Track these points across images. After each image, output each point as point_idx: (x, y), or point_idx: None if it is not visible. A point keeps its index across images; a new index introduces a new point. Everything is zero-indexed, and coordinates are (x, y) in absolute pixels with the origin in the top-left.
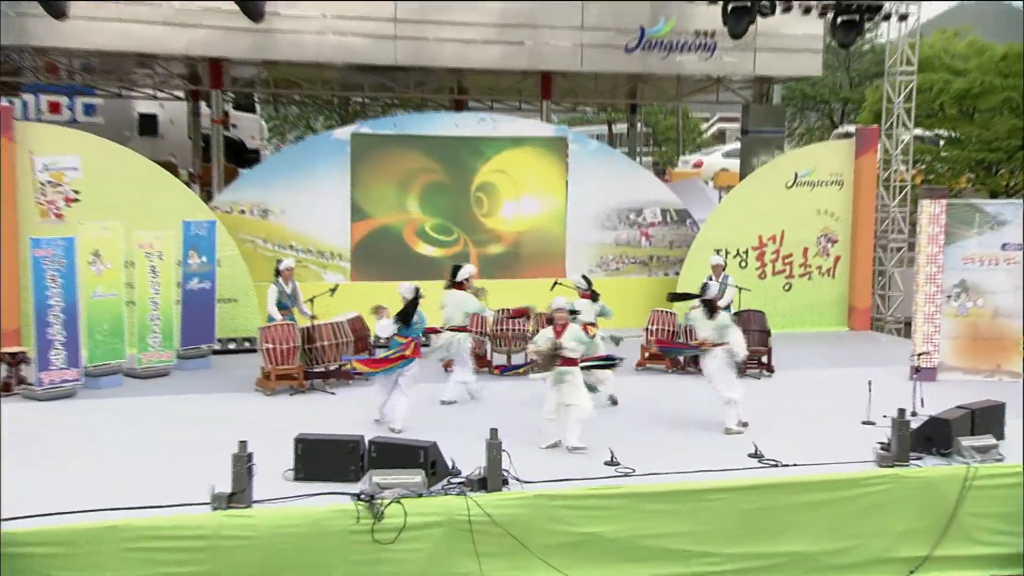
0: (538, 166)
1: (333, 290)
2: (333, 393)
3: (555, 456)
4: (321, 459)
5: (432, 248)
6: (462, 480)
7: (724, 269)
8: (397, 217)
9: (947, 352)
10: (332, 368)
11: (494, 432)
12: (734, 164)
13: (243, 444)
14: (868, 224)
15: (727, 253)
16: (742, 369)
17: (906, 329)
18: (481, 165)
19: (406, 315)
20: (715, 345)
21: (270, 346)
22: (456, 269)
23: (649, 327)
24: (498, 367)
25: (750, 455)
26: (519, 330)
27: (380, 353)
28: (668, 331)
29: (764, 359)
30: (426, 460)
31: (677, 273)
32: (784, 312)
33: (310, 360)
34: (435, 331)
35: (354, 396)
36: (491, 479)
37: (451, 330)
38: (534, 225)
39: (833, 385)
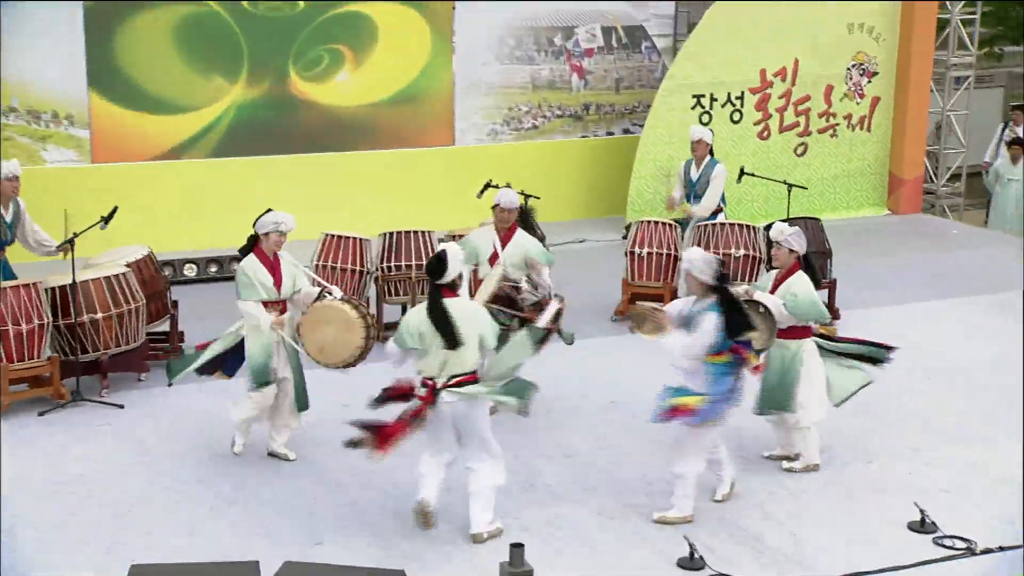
0: None
1: (107, 218)
2: (120, 406)
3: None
4: None
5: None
6: None
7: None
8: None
9: None
10: (110, 356)
11: (517, 552)
12: None
13: None
14: (926, 44)
15: (712, 99)
16: None
17: (966, 207)
18: None
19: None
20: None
21: None
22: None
23: (635, 249)
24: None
25: (914, 528)
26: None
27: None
28: (667, 256)
29: (826, 297)
30: None
31: (628, 131)
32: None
33: (69, 347)
34: None
35: (157, 406)
36: None
37: None
38: (395, 61)
39: (934, 335)
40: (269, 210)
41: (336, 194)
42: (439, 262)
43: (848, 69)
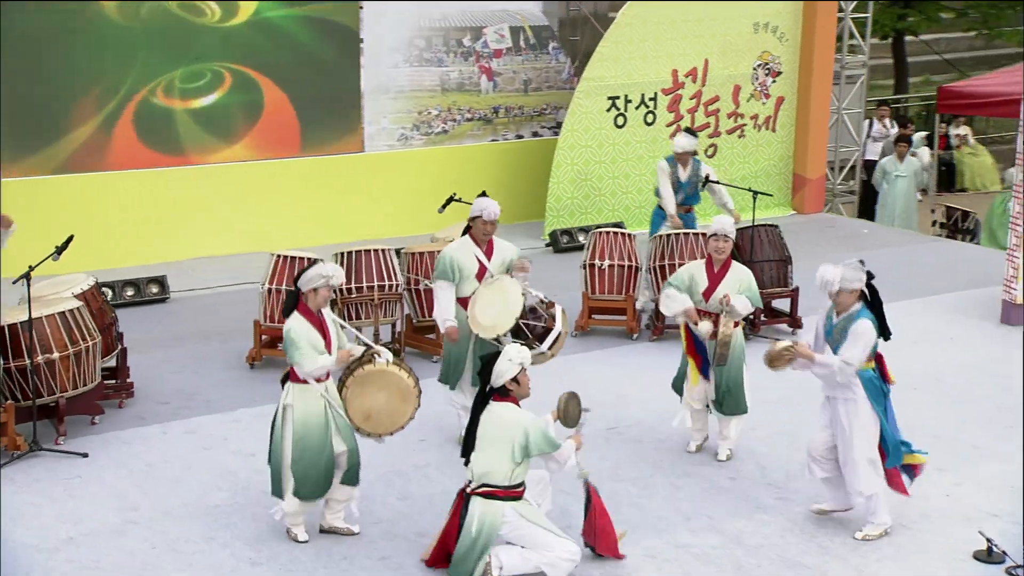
0: None
1: (61, 248)
2: (84, 455)
3: None
4: None
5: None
6: None
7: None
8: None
9: None
10: (65, 400)
11: None
12: None
13: None
14: (827, 43)
15: (627, 101)
16: (754, 325)
17: (862, 207)
18: None
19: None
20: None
21: None
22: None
23: (595, 261)
24: None
25: (981, 558)
26: (389, 287)
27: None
28: (628, 267)
29: (787, 306)
30: None
31: (537, 134)
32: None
33: (22, 391)
34: None
35: (122, 453)
36: None
37: None
38: (301, 64)
39: (897, 340)
40: (316, 261)
41: (246, 205)
42: (485, 366)
43: (754, 69)
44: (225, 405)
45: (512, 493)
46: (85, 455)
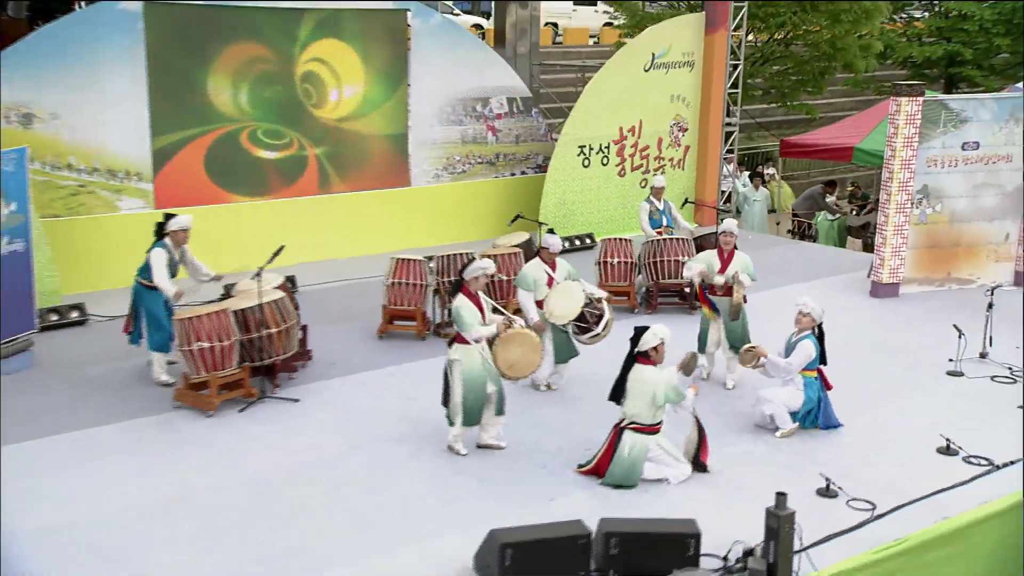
0: (372, 48)
1: (275, 255)
2: (296, 400)
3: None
4: (537, 569)
5: (268, 152)
6: (736, 567)
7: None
8: (214, 114)
9: (907, 263)
10: (279, 362)
11: (781, 499)
12: None
13: None
14: (718, 109)
15: (590, 149)
16: (693, 305)
17: (738, 216)
18: (298, 49)
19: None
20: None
21: (205, 345)
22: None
23: (607, 259)
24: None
25: (942, 452)
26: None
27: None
28: (628, 263)
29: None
30: (696, 551)
31: (524, 173)
32: (636, 211)
33: (249, 356)
34: None
35: (319, 399)
36: (783, 566)
37: None
38: (369, 125)
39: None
40: (474, 258)
41: (329, 227)
42: (636, 335)
43: (671, 126)
44: (376, 365)
45: (653, 429)
46: (297, 400)
